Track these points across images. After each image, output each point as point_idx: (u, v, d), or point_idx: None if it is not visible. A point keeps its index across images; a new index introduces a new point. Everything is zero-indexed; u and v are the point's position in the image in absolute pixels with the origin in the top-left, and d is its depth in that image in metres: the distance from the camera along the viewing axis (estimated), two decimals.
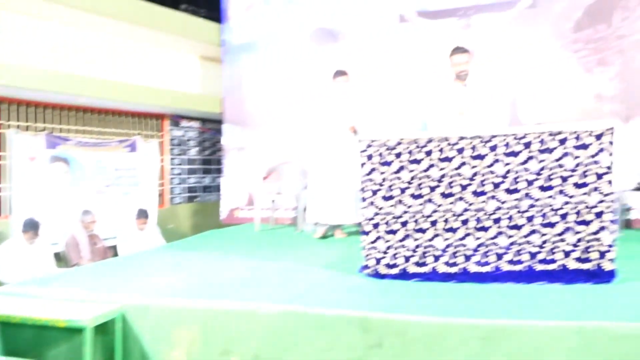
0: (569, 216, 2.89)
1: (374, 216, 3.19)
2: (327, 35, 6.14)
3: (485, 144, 3.00)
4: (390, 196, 3.16)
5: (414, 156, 3.11)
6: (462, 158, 3.03)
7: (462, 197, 3.04)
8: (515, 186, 2.96)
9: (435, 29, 5.77)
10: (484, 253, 3.01)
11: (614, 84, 5.22)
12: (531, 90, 5.43)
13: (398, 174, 3.14)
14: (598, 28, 5.24)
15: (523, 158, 2.94)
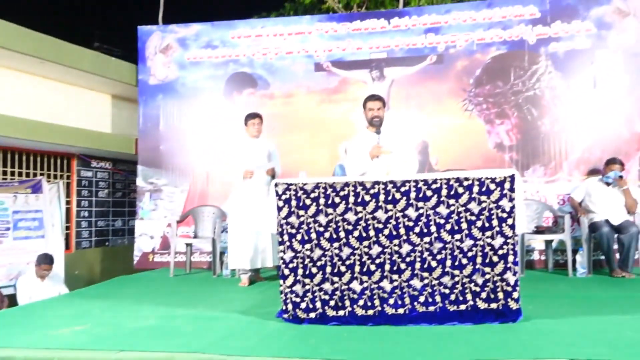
0: (477, 258, 3.03)
1: (291, 260, 3.17)
2: (245, 79, 6.19)
3: (398, 189, 3.11)
4: (307, 240, 3.17)
5: (331, 200, 3.15)
6: (377, 202, 3.12)
7: (378, 240, 3.11)
8: (426, 230, 3.07)
9: (349, 79, 6.00)
10: (399, 295, 3.07)
11: (512, 135, 5.65)
12: (440, 139, 5.75)
13: (315, 217, 3.16)
14: (497, 84, 5.70)
15: (433, 203, 3.07)
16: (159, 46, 6.39)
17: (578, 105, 5.55)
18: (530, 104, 5.63)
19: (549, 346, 2.53)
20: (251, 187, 4.65)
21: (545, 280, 4.66)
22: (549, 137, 5.58)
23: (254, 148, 4.76)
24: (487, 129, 5.70)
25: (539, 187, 5.54)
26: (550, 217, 5.43)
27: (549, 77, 5.62)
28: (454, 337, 2.74)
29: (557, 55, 5.60)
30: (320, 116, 6.01)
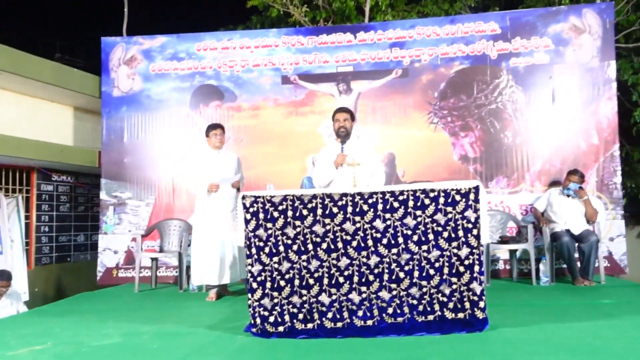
0: (444, 268, 3.06)
1: (259, 273, 3.14)
2: (212, 92, 6.15)
3: (365, 201, 3.12)
4: (275, 252, 3.14)
5: (299, 212, 3.14)
6: (345, 214, 3.12)
7: (346, 252, 3.10)
8: (394, 241, 3.09)
9: (316, 92, 6.03)
10: (368, 307, 3.07)
11: (476, 147, 5.76)
12: (407, 151, 5.82)
13: (283, 230, 3.15)
14: (460, 97, 5.82)
15: (400, 214, 3.09)
16: (123, 58, 6.29)
17: (538, 119, 5.71)
18: (493, 117, 5.76)
19: (516, 354, 2.56)
20: (216, 201, 4.59)
21: (510, 289, 4.74)
22: (511, 149, 5.72)
23: (218, 160, 4.71)
24: (452, 141, 5.80)
25: (502, 197, 5.66)
26: (514, 227, 5.55)
27: (510, 91, 5.76)
28: (423, 347, 2.75)
29: (517, 70, 5.76)
30: (287, 129, 6.01)
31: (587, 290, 4.58)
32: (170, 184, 6.07)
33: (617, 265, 5.45)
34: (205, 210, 4.62)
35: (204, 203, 4.64)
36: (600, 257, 4.89)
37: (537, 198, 5.44)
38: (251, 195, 3.19)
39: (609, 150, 5.56)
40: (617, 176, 5.52)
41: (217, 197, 4.59)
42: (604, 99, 5.62)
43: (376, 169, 4.18)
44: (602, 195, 5.50)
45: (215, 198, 4.60)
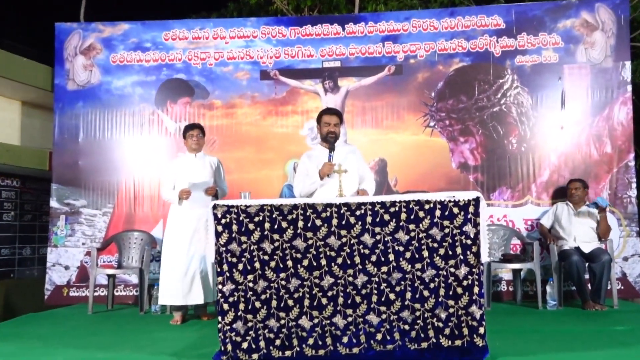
0: (440, 290, 3.08)
1: (232, 293, 3.13)
2: (181, 87, 6.13)
3: (352, 212, 3.13)
4: (250, 270, 3.14)
5: (277, 225, 3.14)
6: (329, 227, 3.13)
7: (330, 270, 3.11)
8: (384, 258, 3.10)
9: (299, 89, 6.05)
10: (354, 332, 3.08)
11: (477, 154, 5.83)
12: (399, 157, 5.86)
13: (259, 244, 3.15)
14: (460, 98, 5.89)
15: (392, 228, 3.11)
16: (80, 46, 6.25)
17: (546, 124, 5.79)
18: (496, 121, 5.84)
19: None
20: (187, 210, 4.59)
21: (514, 314, 4.78)
22: (516, 157, 5.79)
23: (194, 164, 4.72)
24: (450, 147, 5.85)
25: (505, 211, 5.72)
26: (518, 244, 5.61)
27: (515, 93, 5.85)
28: None
29: (523, 69, 5.85)
30: (266, 130, 6.01)
31: (598, 315, 4.64)
32: (132, 191, 6.02)
33: (632, 287, 5.53)
34: (175, 220, 4.64)
35: (174, 212, 4.67)
36: (613, 279, 4.97)
37: (544, 212, 5.52)
38: (223, 205, 3.19)
39: (623, 160, 5.66)
40: (632, 189, 5.62)
41: (189, 205, 4.59)
42: (618, 103, 5.73)
43: (367, 174, 4.22)
44: (615, 209, 5.59)
45: (186, 207, 4.60)
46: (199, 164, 4.75)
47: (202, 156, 4.82)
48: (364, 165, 4.29)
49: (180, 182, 4.65)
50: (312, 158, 4.20)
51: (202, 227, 4.53)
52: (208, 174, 4.74)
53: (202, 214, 4.51)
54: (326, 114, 4.19)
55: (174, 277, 4.51)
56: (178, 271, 4.51)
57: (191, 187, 4.57)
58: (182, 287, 4.49)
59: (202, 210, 4.54)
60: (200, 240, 4.53)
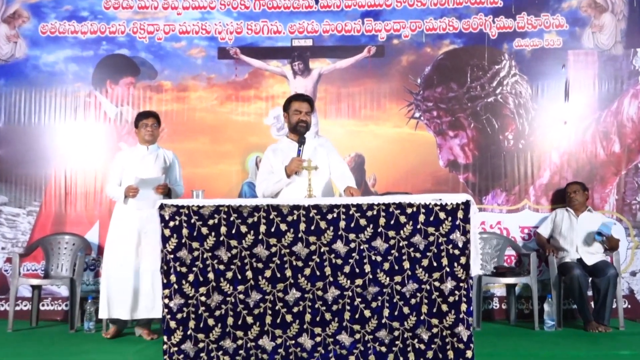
0: (422, 306, 3.12)
1: (180, 308, 3.12)
2: (123, 64, 6.07)
3: (323, 216, 3.15)
4: (203, 281, 3.13)
5: (235, 229, 3.14)
6: (296, 233, 3.14)
7: (296, 282, 3.12)
8: (359, 269, 3.13)
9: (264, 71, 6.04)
10: (323, 355, 3.10)
11: (468, 151, 5.89)
12: (379, 152, 5.89)
13: (214, 251, 3.14)
14: (450, 86, 5.94)
15: (368, 235, 3.14)
16: (3, 13, 6.15)
17: (547, 117, 5.88)
18: (491, 113, 5.91)
19: None
20: (134, 211, 4.60)
21: (507, 335, 4.85)
22: (512, 155, 5.87)
23: (144, 158, 4.72)
24: (437, 142, 5.90)
25: (499, 217, 5.79)
26: (513, 255, 5.68)
27: (513, 81, 5.93)
28: None
29: (522, 54, 5.93)
30: (224, 118, 5.99)
31: (602, 337, 4.73)
32: (62, 187, 5.93)
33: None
34: (120, 221, 4.66)
35: (119, 213, 4.69)
36: (619, 296, 5.07)
37: (542, 220, 5.61)
38: (172, 205, 3.18)
39: (632, 161, 5.79)
40: None
41: (135, 205, 4.59)
42: (628, 96, 5.85)
43: (345, 169, 4.25)
44: (622, 217, 5.71)
45: (132, 207, 4.60)
46: (151, 157, 4.74)
47: (156, 149, 4.81)
48: (338, 159, 4.30)
49: (128, 177, 4.64)
50: (277, 152, 4.21)
51: (150, 230, 4.51)
52: (160, 170, 4.73)
53: (151, 215, 4.48)
54: (296, 101, 4.20)
55: (118, 288, 4.51)
56: (123, 280, 4.51)
57: (139, 184, 4.54)
58: (128, 299, 4.49)
59: (151, 211, 4.52)
60: (148, 245, 4.51)
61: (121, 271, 4.54)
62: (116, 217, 4.72)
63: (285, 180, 3.99)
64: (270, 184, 4.06)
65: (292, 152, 4.06)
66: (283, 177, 3.99)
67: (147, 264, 4.54)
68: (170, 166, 4.84)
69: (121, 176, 4.73)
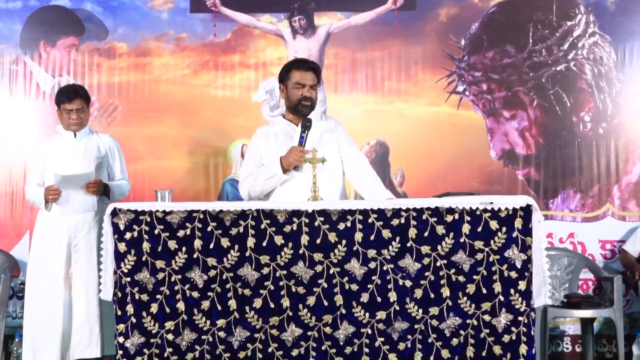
0: (466, 349, 3.12)
1: (140, 349, 3.14)
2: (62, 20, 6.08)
3: (333, 225, 3.15)
4: (170, 313, 3.15)
5: (214, 242, 3.15)
6: (296, 248, 3.14)
7: (296, 315, 3.13)
8: (381, 298, 3.13)
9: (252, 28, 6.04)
10: None
11: (530, 138, 5.87)
12: (408, 140, 5.88)
13: (185, 273, 3.15)
14: (505, 50, 5.91)
15: (394, 251, 3.14)
16: None
17: (638, 92, 5.86)
18: (561, 86, 5.88)
19: None
20: (59, 218, 4.61)
21: None
22: (590, 143, 5.85)
23: (71, 148, 4.72)
24: (488, 125, 5.89)
25: (572, 227, 5.78)
26: (591, 279, 5.67)
27: (591, 42, 5.90)
28: None
29: (604, 6, 5.90)
30: (198, 93, 5.98)
31: None
32: None
33: None
34: (42, 235, 4.65)
35: (42, 222, 4.69)
36: None
37: (631, 231, 5.59)
38: (129, 210, 3.19)
39: None
40: None
41: (60, 211, 4.59)
42: None
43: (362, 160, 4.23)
44: None
45: (56, 213, 4.61)
46: (79, 147, 4.72)
47: (86, 135, 4.79)
48: (354, 148, 4.27)
49: (51, 174, 4.61)
50: (270, 138, 4.19)
51: (82, 243, 4.55)
52: (93, 162, 4.72)
53: (83, 223, 4.52)
54: (297, 69, 4.16)
55: (44, 322, 4.51)
56: (50, 312, 4.52)
57: (61, 183, 4.52)
58: (57, 337, 4.50)
59: (83, 218, 4.54)
60: (81, 262, 4.55)
61: (47, 300, 4.53)
62: (39, 228, 4.71)
63: (281, 176, 3.93)
64: (260, 181, 4.02)
65: (291, 138, 4.05)
66: (278, 172, 3.93)
67: (80, 288, 4.54)
68: (107, 156, 4.81)
69: (42, 173, 4.71)
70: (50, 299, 4.53)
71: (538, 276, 3.16)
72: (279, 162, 3.94)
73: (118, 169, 4.89)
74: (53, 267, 4.55)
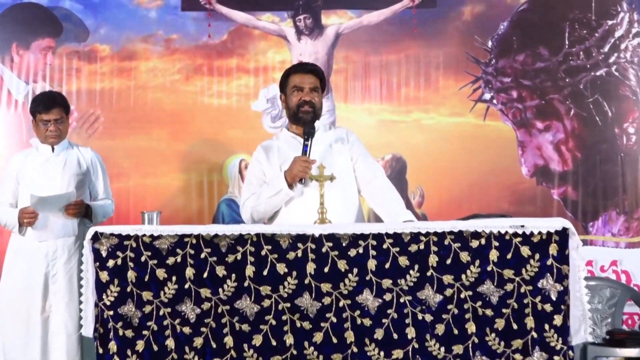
0: None
1: None
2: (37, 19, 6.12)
3: (343, 252, 3.15)
4: (158, 352, 3.14)
5: (209, 271, 3.15)
6: (301, 278, 3.14)
7: (302, 354, 3.13)
8: (398, 335, 3.13)
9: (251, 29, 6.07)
10: None
11: (566, 152, 5.87)
12: (427, 155, 5.88)
13: (175, 306, 3.15)
14: (538, 52, 5.92)
15: (412, 281, 3.14)
16: None
17: None
18: (601, 93, 5.89)
19: None
20: (35, 244, 4.61)
21: None
22: (635, 158, 5.85)
23: (48, 164, 4.73)
24: (519, 138, 5.89)
25: (616, 254, 5.77)
26: (637, 313, 5.66)
27: (636, 44, 5.91)
28: None
29: None
30: (191, 101, 6.01)
31: None
32: None
33: None
34: (16, 262, 4.66)
35: (15, 248, 4.69)
36: None
37: None
38: (111, 234, 3.19)
39: None
40: None
41: (36, 236, 4.60)
42: None
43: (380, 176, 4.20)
44: None
45: (32, 238, 4.62)
46: (58, 162, 4.73)
47: (65, 149, 4.80)
48: (368, 159, 4.25)
49: (26, 194, 4.60)
50: (273, 152, 4.18)
51: (63, 274, 4.55)
52: (73, 179, 4.73)
53: (62, 250, 4.53)
54: (295, 73, 4.17)
55: None
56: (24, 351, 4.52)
57: (37, 205, 4.53)
58: None
59: (62, 243, 4.55)
60: (62, 293, 4.56)
61: (21, 339, 4.54)
62: (11, 255, 4.71)
63: (287, 192, 3.91)
64: (263, 199, 4.01)
65: (295, 151, 4.02)
66: (283, 187, 3.91)
67: (59, 324, 4.55)
68: (88, 172, 4.81)
69: (16, 192, 4.71)
70: (24, 337, 4.53)
71: (576, 310, 3.15)
72: (283, 176, 3.92)
73: (101, 187, 4.89)
74: (28, 300, 4.55)
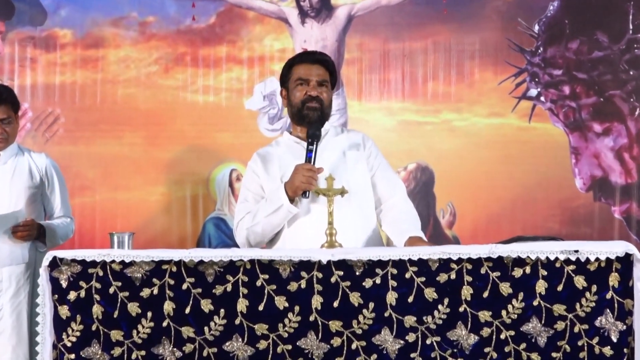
0: None
1: None
2: None
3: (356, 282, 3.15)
4: None
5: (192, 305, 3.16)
6: (305, 314, 3.15)
7: None
8: None
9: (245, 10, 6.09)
10: None
11: (630, 160, 5.87)
12: (460, 164, 5.89)
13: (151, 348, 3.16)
14: (594, 40, 5.92)
15: (440, 318, 3.15)
16: None
17: None
18: None
19: None
20: None
21: None
22: None
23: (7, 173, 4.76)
24: (572, 143, 5.90)
25: None
26: None
27: None
28: None
29: None
30: (171, 98, 6.03)
31: None
32: None
33: None
34: None
35: None
36: None
37: None
38: (73, 261, 3.20)
39: None
40: None
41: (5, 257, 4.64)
42: None
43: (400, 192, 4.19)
44: None
45: None
46: (4, 173, 4.76)
47: (14, 155, 4.84)
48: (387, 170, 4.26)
49: None
50: (272, 161, 4.20)
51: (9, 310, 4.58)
52: (20, 194, 4.77)
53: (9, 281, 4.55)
54: (300, 63, 4.17)
55: None
56: None
57: None
58: None
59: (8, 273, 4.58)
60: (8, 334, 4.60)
61: None
62: None
63: (288, 207, 3.90)
64: (260, 218, 3.99)
65: (299, 159, 4.00)
66: (283, 202, 3.90)
67: None
68: (42, 184, 4.83)
69: None
70: None
71: None
72: (283, 188, 3.90)
73: (57, 202, 4.89)
74: None
